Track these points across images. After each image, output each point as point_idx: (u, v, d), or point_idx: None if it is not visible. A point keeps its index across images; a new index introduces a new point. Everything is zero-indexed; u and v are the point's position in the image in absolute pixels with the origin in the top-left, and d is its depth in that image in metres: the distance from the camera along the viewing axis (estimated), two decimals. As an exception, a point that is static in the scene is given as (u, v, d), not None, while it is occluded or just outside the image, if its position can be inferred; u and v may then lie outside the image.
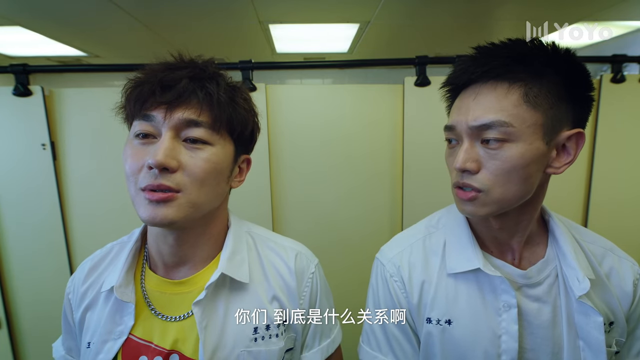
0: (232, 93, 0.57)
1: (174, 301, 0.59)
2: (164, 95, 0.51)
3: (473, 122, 0.53)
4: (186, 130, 0.53)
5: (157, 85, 0.52)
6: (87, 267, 0.65)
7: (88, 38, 2.50)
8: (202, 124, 0.53)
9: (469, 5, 1.99)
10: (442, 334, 0.61)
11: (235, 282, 0.60)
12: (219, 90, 0.54)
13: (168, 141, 0.51)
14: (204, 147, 0.54)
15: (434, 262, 0.65)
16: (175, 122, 0.52)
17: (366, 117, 1.29)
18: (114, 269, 0.61)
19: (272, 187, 1.29)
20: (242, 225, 0.67)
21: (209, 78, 0.55)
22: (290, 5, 1.94)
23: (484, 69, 0.53)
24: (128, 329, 0.57)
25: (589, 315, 0.57)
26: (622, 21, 2.32)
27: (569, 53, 0.54)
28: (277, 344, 0.59)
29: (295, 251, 0.66)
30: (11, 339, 1.25)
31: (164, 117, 0.52)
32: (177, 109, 0.52)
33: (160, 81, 0.52)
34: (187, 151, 0.53)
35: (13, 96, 1.16)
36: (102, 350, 0.57)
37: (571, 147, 0.55)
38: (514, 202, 0.55)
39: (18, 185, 1.20)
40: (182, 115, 0.52)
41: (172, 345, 0.56)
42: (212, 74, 0.56)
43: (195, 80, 0.53)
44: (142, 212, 0.51)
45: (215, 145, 0.55)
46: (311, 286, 0.65)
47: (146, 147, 0.53)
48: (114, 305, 0.59)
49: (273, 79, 3.26)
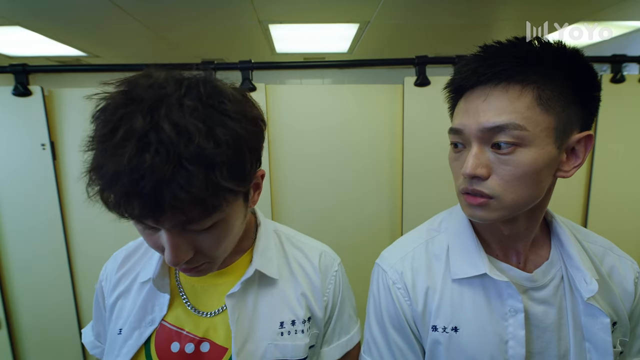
0: (216, 129, 0.41)
1: (206, 292, 0.61)
2: (132, 216, 0.42)
3: (485, 124, 0.50)
4: (185, 228, 0.45)
5: (121, 200, 0.40)
6: (121, 257, 0.66)
7: (88, 38, 2.50)
8: (197, 219, 0.44)
9: (468, 5, 1.99)
10: (449, 342, 0.59)
11: (264, 278, 0.62)
12: (189, 185, 0.39)
13: (172, 242, 0.45)
14: (216, 227, 0.47)
15: (437, 268, 0.62)
16: (170, 228, 0.44)
17: (366, 117, 1.29)
18: (150, 261, 0.63)
19: (272, 186, 1.29)
20: (267, 223, 0.69)
21: (179, 176, 0.39)
22: (290, 5, 1.94)
23: (494, 70, 0.50)
24: (159, 318, 0.59)
25: (596, 316, 0.56)
26: (622, 21, 2.32)
27: (577, 53, 0.52)
28: (302, 340, 0.61)
29: (320, 250, 0.68)
30: (11, 339, 1.25)
31: (154, 223, 0.43)
32: (162, 219, 0.42)
33: (125, 194, 0.40)
34: (197, 236, 0.47)
35: (13, 96, 1.16)
36: (131, 337, 0.59)
37: (580, 150, 0.54)
38: (524, 207, 0.54)
39: (18, 185, 1.20)
40: (171, 221, 0.43)
41: (204, 334, 0.59)
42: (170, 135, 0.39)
43: (163, 183, 0.39)
44: None
45: (229, 211, 0.48)
46: (334, 284, 0.67)
47: (152, 234, 0.48)
48: (147, 295, 0.61)
49: (273, 79, 3.26)
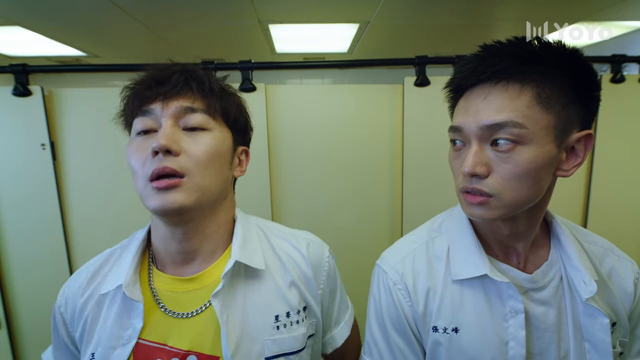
0: (222, 85, 0.62)
1: (186, 299, 0.57)
2: (159, 88, 0.55)
3: (485, 121, 0.50)
4: (184, 119, 0.55)
5: (152, 81, 0.56)
6: (85, 277, 0.61)
7: (88, 38, 2.50)
8: (198, 110, 0.56)
9: (468, 5, 1.99)
10: (450, 343, 0.59)
11: (250, 271, 0.60)
12: (210, 80, 0.59)
13: (169, 127, 0.54)
14: (202, 132, 0.56)
15: (438, 268, 0.62)
16: (173, 111, 0.55)
17: (366, 117, 1.29)
18: (117, 270, 0.59)
19: (272, 186, 1.29)
20: (249, 218, 0.68)
21: (198, 72, 0.59)
22: (290, 5, 1.94)
23: (494, 69, 0.51)
24: (137, 333, 0.55)
25: (595, 317, 0.57)
26: (622, 21, 2.32)
27: (577, 52, 0.52)
28: (299, 330, 0.59)
29: (307, 240, 0.67)
30: (11, 339, 1.25)
31: (161, 108, 0.55)
32: (173, 99, 0.55)
33: (154, 78, 0.56)
34: (187, 138, 0.55)
35: (12, 96, 1.16)
36: (109, 358, 0.54)
37: (580, 149, 0.54)
38: (523, 206, 0.54)
39: (17, 185, 1.20)
40: (179, 103, 0.55)
41: (189, 346, 0.54)
42: (202, 70, 0.60)
43: (187, 73, 0.57)
44: (152, 202, 0.52)
45: (213, 130, 0.58)
46: (328, 272, 0.66)
47: (148, 139, 0.55)
48: (120, 309, 0.56)
49: (273, 79, 3.26)
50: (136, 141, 0.56)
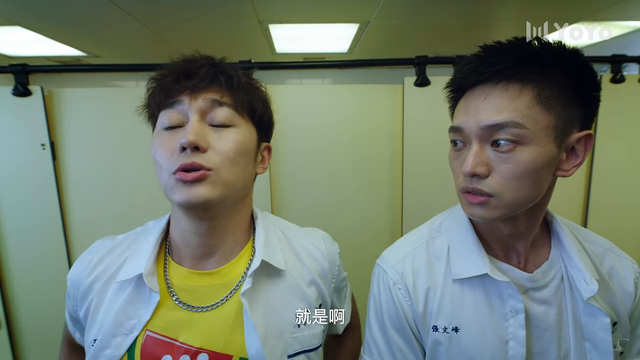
0: (249, 79, 0.61)
1: (203, 293, 0.57)
2: (187, 81, 0.54)
3: (485, 122, 0.51)
4: (211, 113, 0.55)
5: (180, 73, 0.55)
6: (94, 258, 0.61)
7: (88, 38, 2.50)
8: (226, 104, 0.55)
9: (468, 5, 1.99)
10: (450, 342, 0.59)
11: (272, 270, 0.59)
12: (238, 75, 0.58)
13: (196, 122, 0.53)
14: (229, 129, 0.56)
15: (438, 268, 0.63)
16: (200, 105, 0.54)
17: (366, 117, 1.29)
18: (135, 258, 0.58)
19: (272, 186, 1.29)
20: (266, 216, 0.69)
21: (226, 67, 0.58)
22: (290, 5, 1.94)
23: (494, 69, 0.51)
24: (141, 324, 0.54)
25: (596, 316, 0.57)
26: (622, 21, 2.32)
27: (577, 52, 0.52)
28: (317, 327, 0.60)
29: (321, 235, 0.71)
30: (11, 339, 1.25)
31: (189, 101, 0.54)
32: (201, 92, 0.55)
33: (182, 70, 0.55)
34: (214, 133, 0.55)
35: (12, 96, 1.16)
36: (109, 346, 0.53)
37: (580, 149, 0.54)
38: (523, 206, 0.54)
39: (17, 185, 1.20)
40: (207, 97, 0.54)
41: (201, 343, 0.54)
42: (229, 64, 0.59)
43: (215, 67, 0.57)
44: (177, 195, 0.51)
45: (240, 127, 0.57)
46: (339, 266, 0.70)
47: (175, 134, 0.54)
48: (129, 297, 0.55)
49: (273, 79, 3.25)
50: (162, 136, 0.55)
